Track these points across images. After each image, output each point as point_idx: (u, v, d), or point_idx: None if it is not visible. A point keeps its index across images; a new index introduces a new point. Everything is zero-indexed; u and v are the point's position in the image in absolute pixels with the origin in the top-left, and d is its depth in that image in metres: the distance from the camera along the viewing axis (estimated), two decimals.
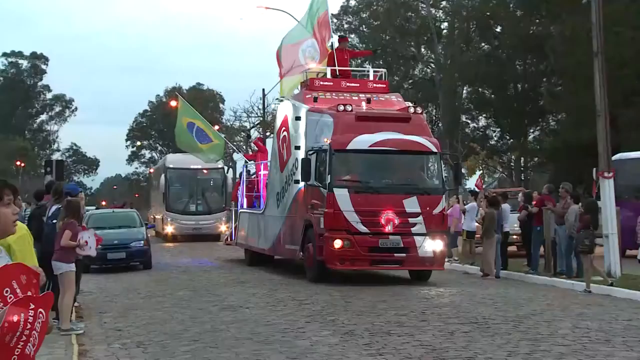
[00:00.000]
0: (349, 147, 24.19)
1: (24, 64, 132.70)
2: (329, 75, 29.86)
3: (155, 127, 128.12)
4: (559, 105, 62.71)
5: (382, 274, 29.74)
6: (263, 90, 75.03)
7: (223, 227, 53.45)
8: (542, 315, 18.95)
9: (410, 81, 76.20)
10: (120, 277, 29.70)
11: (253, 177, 37.26)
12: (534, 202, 30.72)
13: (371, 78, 31.02)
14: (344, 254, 23.95)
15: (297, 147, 26.64)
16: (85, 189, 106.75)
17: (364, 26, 74.50)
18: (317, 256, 25.01)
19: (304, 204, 26.74)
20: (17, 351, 5.33)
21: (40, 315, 5.49)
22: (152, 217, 66.15)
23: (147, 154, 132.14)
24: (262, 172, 35.00)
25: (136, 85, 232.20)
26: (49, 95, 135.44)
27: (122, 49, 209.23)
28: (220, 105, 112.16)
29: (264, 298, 23.36)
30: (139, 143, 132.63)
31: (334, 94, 27.70)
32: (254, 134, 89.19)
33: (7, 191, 6.07)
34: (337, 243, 23.52)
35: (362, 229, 23.84)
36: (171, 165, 54.23)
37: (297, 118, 27.11)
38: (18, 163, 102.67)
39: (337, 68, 30.09)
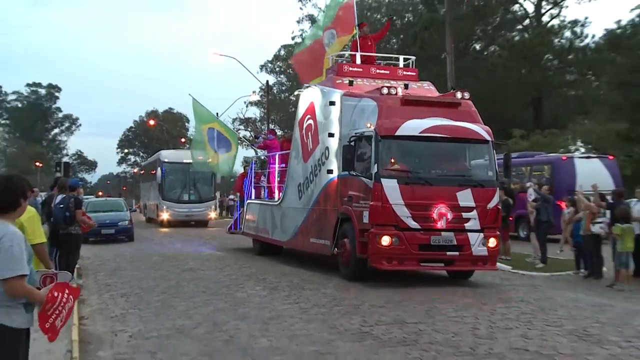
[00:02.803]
0: (398, 133, 16.80)
1: (42, 91, 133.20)
2: (358, 62, 21.58)
3: (138, 139, 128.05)
4: None
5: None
6: (217, 113, 74.45)
7: (212, 214, 49.09)
8: None
9: None
10: (111, 247, 29.56)
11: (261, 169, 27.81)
12: None
13: (401, 65, 22.27)
14: (392, 252, 16.35)
15: (331, 134, 18.95)
16: (85, 183, 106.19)
17: (290, 70, 73.93)
18: (358, 253, 17.16)
19: (337, 195, 18.72)
20: (50, 320, 5.63)
21: (70, 299, 5.80)
22: (140, 204, 64.48)
23: (132, 158, 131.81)
24: (276, 165, 25.35)
25: (124, 108, 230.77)
26: (60, 115, 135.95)
27: (114, 79, 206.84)
28: (186, 124, 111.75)
29: (215, 263, 23.46)
30: (126, 150, 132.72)
31: (365, 80, 20.16)
32: None
33: (31, 192, 6.45)
34: (385, 240, 16.21)
35: (413, 224, 16.46)
36: (166, 160, 48.21)
37: (331, 103, 19.06)
38: (37, 164, 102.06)
39: (358, 54, 21.92)
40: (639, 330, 12.33)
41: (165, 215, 44.86)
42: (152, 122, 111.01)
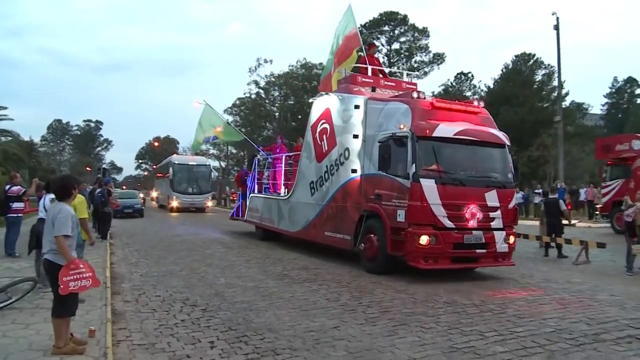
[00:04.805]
0: (434, 134, 11.54)
1: (92, 124, 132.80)
2: (369, 73, 15.14)
3: (147, 154, 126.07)
4: None
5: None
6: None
7: (209, 203, 43.38)
8: None
9: (260, 138, 73.12)
10: (129, 221, 28.88)
11: (263, 168, 20.94)
12: None
13: (405, 79, 16.28)
14: (430, 251, 11.30)
15: (355, 136, 13.39)
16: (115, 181, 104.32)
17: (241, 113, 72.85)
18: (390, 251, 11.75)
19: (360, 193, 13.04)
20: (66, 277, 5.79)
21: (88, 279, 6.02)
22: (152, 195, 60.92)
23: (144, 166, 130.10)
24: (282, 165, 18.87)
25: (140, 134, 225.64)
26: (102, 139, 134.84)
27: (135, 116, 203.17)
28: (177, 145, 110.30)
29: (193, 232, 23.13)
30: (140, 161, 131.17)
31: (377, 90, 14.60)
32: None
33: (79, 186, 6.61)
34: (424, 239, 11.17)
35: (448, 223, 11.37)
36: (176, 162, 42.56)
37: (356, 107, 13.57)
38: (87, 169, 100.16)
39: (369, 67, 15.28)
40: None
41: (174, 203, 40.31)
42: (156, 144, 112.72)
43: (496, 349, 6.53)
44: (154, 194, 57.39)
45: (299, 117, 64.26)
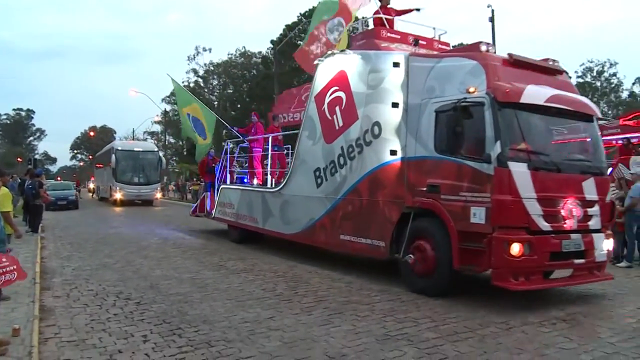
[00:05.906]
0: (522, 100, 7.87)
1: (23, 113, 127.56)
2: (395, 27, 11.76)
3: (84, 144, 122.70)
4: None
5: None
6: (133, 129, 71.48)
7: (158, 195, 38.41)
8: None
9: None
10: (63, 213, 28.12)
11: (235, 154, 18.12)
12: None
13: (436, 37, 11.96)
14: (522, 265, 7.64)
15: (395, 105, 9.59)
16: (48, 172, 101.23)
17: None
18: (460, 264, 8.21)
19: (400, 183, 9.36)
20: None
21: (13, 273, 5.73)
22: (90, 186, 57.59)
23: (79, 156, 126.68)
24: (269, 148, 14.83)
25: (75, 123, 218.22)
26: (34, 128, 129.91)
27: (69, 105, 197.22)
28: (114, 135, 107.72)
29: (129, 225, 22.68)
30: (76, 151, 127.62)
31: (404, 47, 10.73)
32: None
33: (3, 178, 6.25)
34: (516, 248, 7.53)
35: (544, 225, 7.83)
36: (119, 148, 37.49)
37: (395, 65, 9.72)
38: (18, 160, 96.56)
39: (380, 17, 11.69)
40: None
41: (118, 195, 35.96)
42: (92, 134, 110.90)
43: (429, 335, 6.64)
44: (91, 185, 55.31)
45: (238, 106, 63.62)
